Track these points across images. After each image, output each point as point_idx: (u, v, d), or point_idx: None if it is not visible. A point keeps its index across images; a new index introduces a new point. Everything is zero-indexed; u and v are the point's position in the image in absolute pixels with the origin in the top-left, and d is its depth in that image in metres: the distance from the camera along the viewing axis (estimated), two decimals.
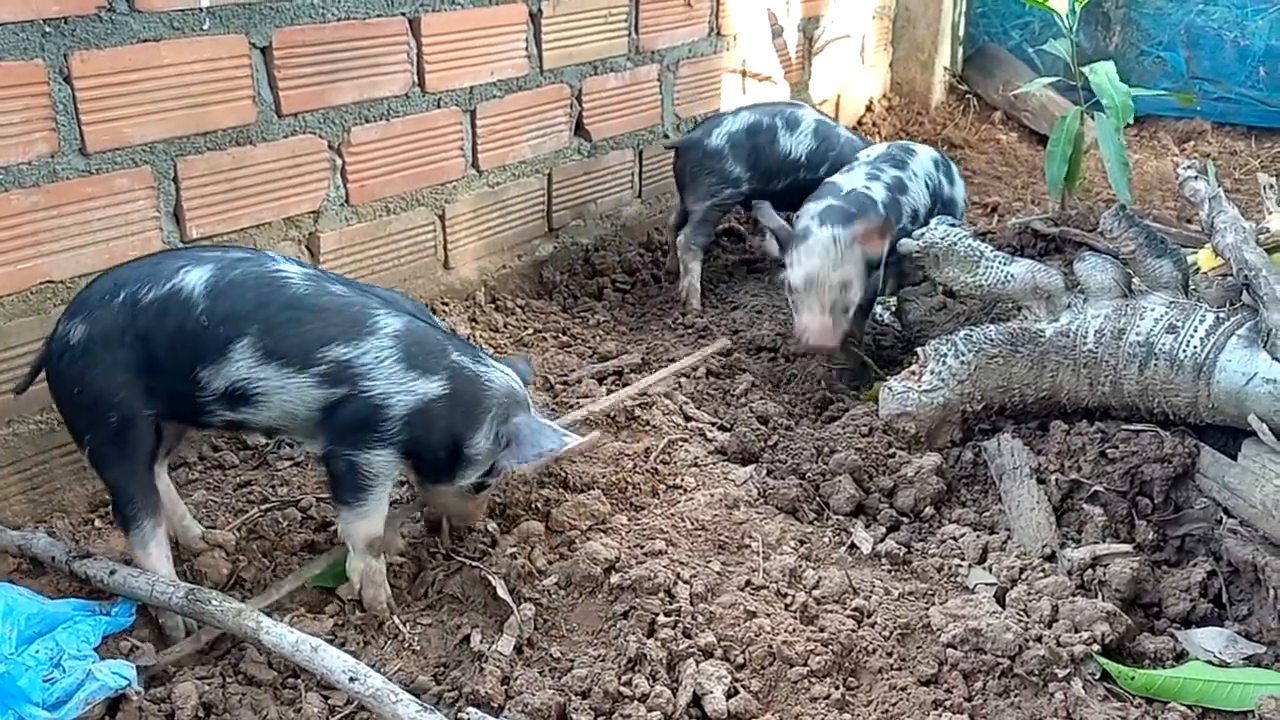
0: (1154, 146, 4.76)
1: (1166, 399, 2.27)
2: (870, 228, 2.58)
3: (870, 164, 2.89)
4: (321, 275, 1.85)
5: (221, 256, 1.80)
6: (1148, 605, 2.00)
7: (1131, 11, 4.93)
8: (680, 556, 2.00)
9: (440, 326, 1.95)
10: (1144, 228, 2.43)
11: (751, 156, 3.21)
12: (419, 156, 2.80)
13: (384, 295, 1.88)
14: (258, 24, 2.36)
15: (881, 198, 2.77)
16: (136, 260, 1.89)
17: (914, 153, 2.99)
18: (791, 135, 3.27)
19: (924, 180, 2.92)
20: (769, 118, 3.29)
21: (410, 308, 1.90)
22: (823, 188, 2.82)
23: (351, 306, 1.80)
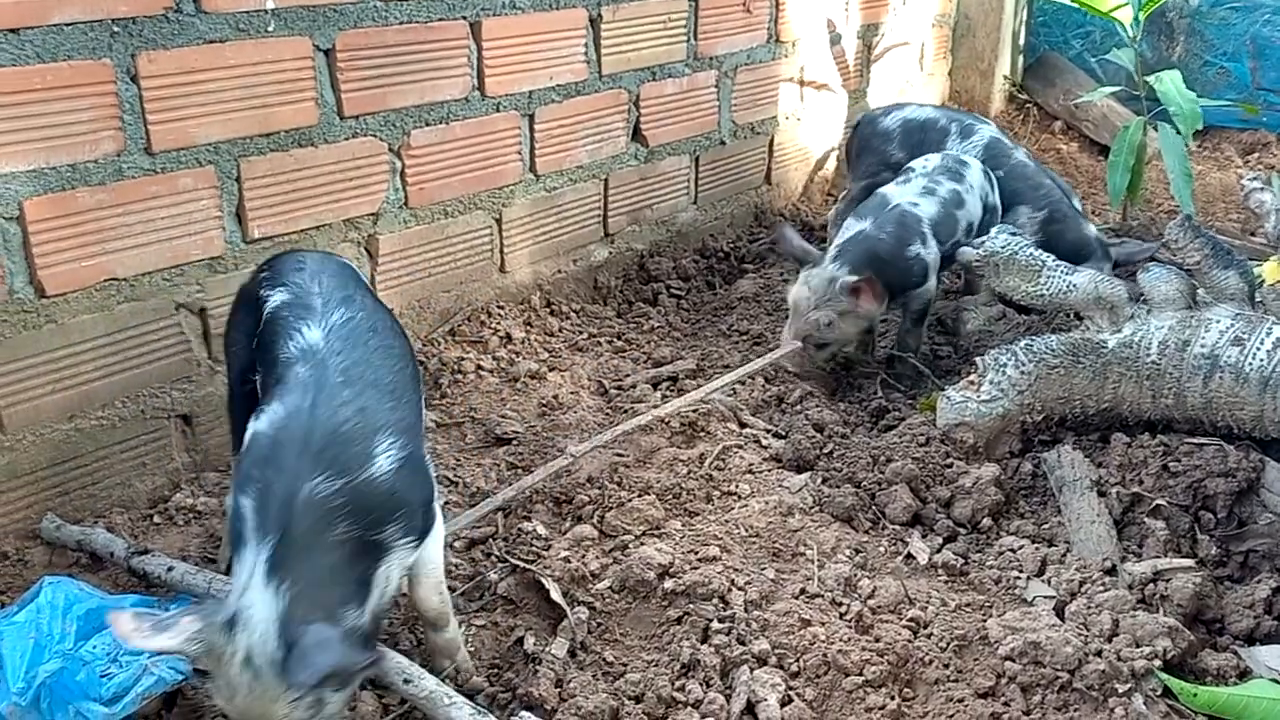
0: (1217, 158, 4.67)
1: (1231, 412, 2.22)
2: (864, 285, 2.60)
3: (928, 176, 2.87)
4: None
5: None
6: (1210, 621, 1.96)
7: (1196, 22, 4.85)
8: (734, 563, 1.98)
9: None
10: (1210, 238, 2.39)
11: (917, 149, 3.26)
12: (477, 160, 2.82)
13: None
14: (321, 26, 2.39)
15: (931, 214, 2.75)
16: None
17: (967, 165, 2.96)
18: (961, 143, 3.31)
19: (979, 193, 2.90)
20: (947, 120, 3.39)
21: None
22: (872, 198, 2.83)
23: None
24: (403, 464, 1.53)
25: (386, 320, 1.80)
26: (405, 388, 1.68)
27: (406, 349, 1.79)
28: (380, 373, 1.64)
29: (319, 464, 1.44)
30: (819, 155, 4.10)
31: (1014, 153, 3.32)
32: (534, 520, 2.15)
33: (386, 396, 1.60)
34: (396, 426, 1.56)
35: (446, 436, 2.49)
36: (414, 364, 1.81)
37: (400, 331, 1.83)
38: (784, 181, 3.94)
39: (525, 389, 2.67)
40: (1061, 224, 3.15)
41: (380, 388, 1.61)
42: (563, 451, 2.30)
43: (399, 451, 1.53)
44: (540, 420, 2.53)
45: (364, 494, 1.47)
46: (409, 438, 1.58)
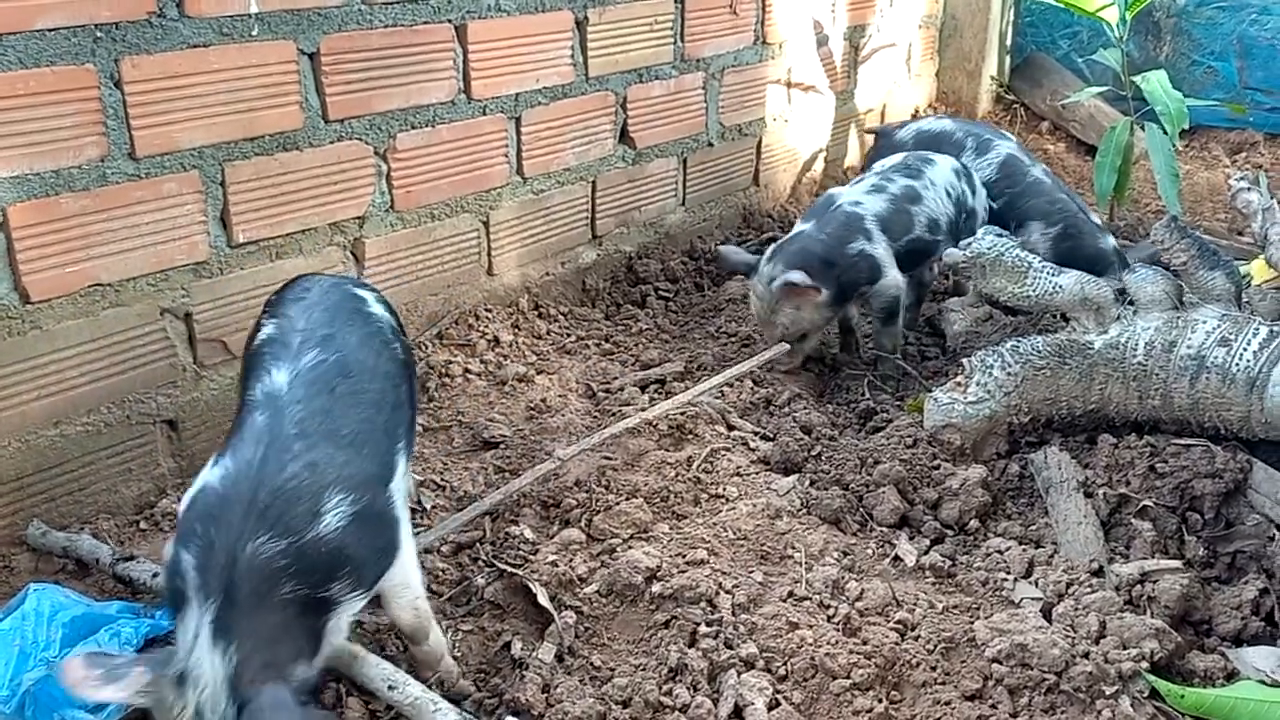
0: (1205, 158, 4.69)
1: (1218, 413, 2.23)
2: (797, 287, 2.60)
3: (880, 174, 2.87)
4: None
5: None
6: (1198, 623, 1.96)
7: (1183, 21, 4.86)
8: (722, 566, 1.98)
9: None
10: (1196, 239, 2.40)
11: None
12: (464, 163, 2.82)
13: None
14: (306, 30, 2.39)
15: (877, 210, 2.76)
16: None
17: (932, 162, 2.95)
18: (976, 158, 3.33)
19: (944, 189, 2.88)
20: (963, 133, 3.41)
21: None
22: (819, 199, 2.87)
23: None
24: (352, 520, 1.49)
25: (370, 360, 1.74)
26: (370, 436, 1.63)
27: (386, 390, 1.74)
28: (340, 422, 1.60)
29: (263, 523, 1.42)
30: (807, 156, 4.11)
31: (1031, 170, 3.32)
32: (521, 524, 2.14)
33: (343, 449, 1.56)
34: (349, 481, 1.52)
35: (434, 440, 2.48)
36: (398, 405, 1.76)
37: (388, 370, 1.77)
38: (772, 183, 3.95)
39: (513, 392, 2.67)
40: (1076, 239, 3.15)
41: (337, 439, 1.57)
42: (550, 455, 2.30)
43: (349, 508, 1.49)
44: (528, 423, 2.53)
45: (309, 554, 1.44)
46: (363, 491, 1.54)
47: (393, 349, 1.83)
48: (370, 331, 1.81)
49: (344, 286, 1.89)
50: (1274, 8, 4.67)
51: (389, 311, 1.94)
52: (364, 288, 1.95)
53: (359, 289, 1.92)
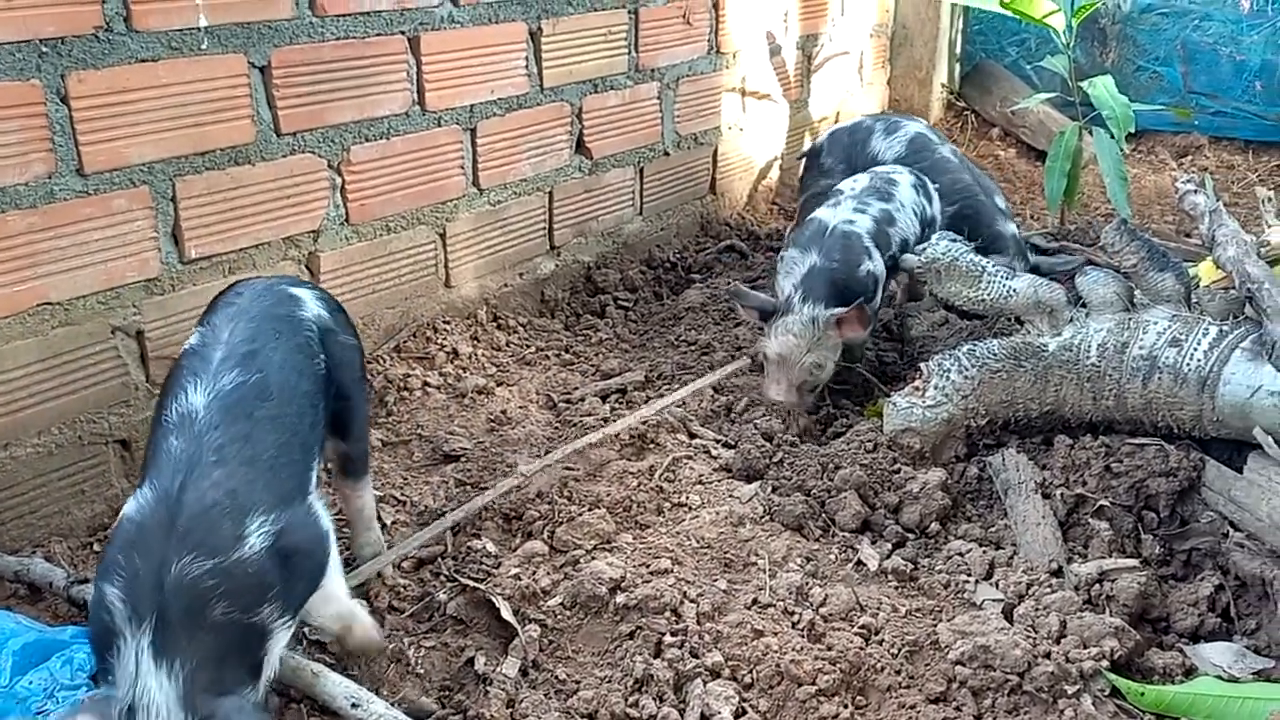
0: (1151, 161, 4.77)
1: (1171, 412, 2.26)
2: (852, 315, 2.55)
3: (857, 197, 2.85)
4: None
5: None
6: (1156, 620, 1.99)
7: (1128, 28, 4.95)
8: (686, 575, 1.98)
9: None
10: (1146, 241, 2.43)
11: (846, 152, 3.38)
12: (419, 175, 2.80)
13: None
14: (256, 43, 2.36)
15: (869, 228, 2.74)
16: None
17: (896, 182, 2.95)
18: (885, 139, 3.39)
19: (911, 208, 2.90)
20: (872, 120, 3.52)
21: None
22: (808, 225, 2.79)
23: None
24: (276, 540, 1.48)
25: (292, 380, 1.69)
26: (289, 458, 1.61)
27: (305, 410, 1.70)
28: (260, 448, 1.57)
29: (186, 545, 1.40)
30: (762, 164, 4.13)
31: (939, 149, 3.38)
32: (483, 538, 2.13)
33: (262, 473, 1.55)
34: (270, 504, 1.51)
35: (393, 455, 2.46)
36: (315, 423, 1.73)
37: (309, 390, 1.73)
38: (729, 191, 3.96)
39: (473, 404, 2.65)
40: (973, 219, 3.19)
41: (256, 464, 1.54)
42: (513, 469, 2.29)
43: (272, 528, 1.48)
44: (489, 436, 2.51)
45: (236, 575, 1.42)
46: (285, 511, 1.53)
47: (316, 363, 1.78)
48: (297, 344, 1.75)
49: (279, 289, 1.84)
50: (1215, 14, 4.78)
51: (329, 309, 1.88)
52: (303, 286, 1.90)
53: (296, 289, 1.86)
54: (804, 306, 2.58)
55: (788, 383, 2.59)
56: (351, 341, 1.92)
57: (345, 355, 1.87)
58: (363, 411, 1.98)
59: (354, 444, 1.96)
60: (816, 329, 2.56)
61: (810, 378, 2.60)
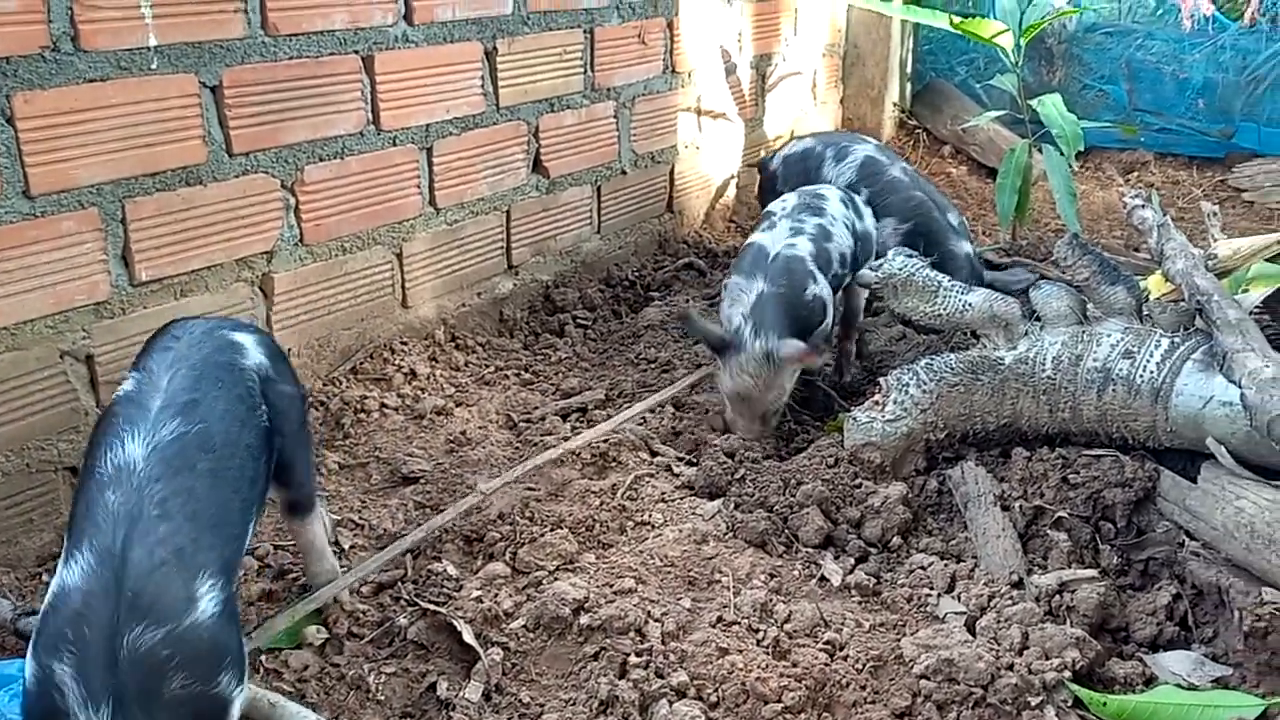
0: (1099, 177, 4.86)
1: (1125, 424, 2.29)
2: (807, 351, 2.52)
3: (790, 216, 2.82)
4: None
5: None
6: (1115, 630, 2.01)
7: (1074, 47, 5.05)
8: (650, 594, 1.97)
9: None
10: (1097, 255, 2.47)
11: (799, 179, 3.36)
12: (375, 195, 2.78)
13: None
14: (207, 63, 2.33)
15: (810, 250, 2.70)
16: None
17: (825, 197, 2.93)
18: (836, 165, 3.41)
19: (843, 222, 2.89)
20: (823, 146, 3.52)
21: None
22: (748, 252, 2.74)
23: None
24: (224, 605, 1.42)
25: (234, 432, 1.62)
26: (229, 517, 1.55)
27: (247, 465, 1.63)
28: (203, 504, 1.49)
29: (135, 613, 1.31)
30: (719, 183, 4.15)
31: (889, 169, 3.39)
32: (444, 560, 2.10)
33: (208, 531, 1.47)
34: (216, 565, 1.44)
35: (350, 478, 2.43)
36: (255, 479, 1.67)
37: (250, 443, 1.66)
38: (686, 209, 3.97)
39: (432, 426, 2.63)
40: (927, 237, 3.21)
41: (200, 521, 1.46)
42: (473, 489, 2.27)
43: (220, 593, 1.42)
44: (448, 457, 2.49)
45: (191, 642, 1.35)
46: (227, 577, 1.47)
47: (258, 414, 1.71)
48: (238, 394, 1.68)
49: (219, 334, 1.75)
50: (1158, 33, 4.89)
51: (271, 355, 1.80)
52: (244, 330, 1.80)
53: (237, 334, 1.77)
54: (756, 341, 2.52)
55: (749, 415, 2.57)
56: (292, 390, 1.83)
57: (286, 405, 1.79)
58: (305, 459, 1.89)
59: (297, 490, 1.89)
60: (771, 365, 2.52)
61: (771, 407, 2.58)
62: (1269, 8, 4.64)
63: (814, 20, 4.60)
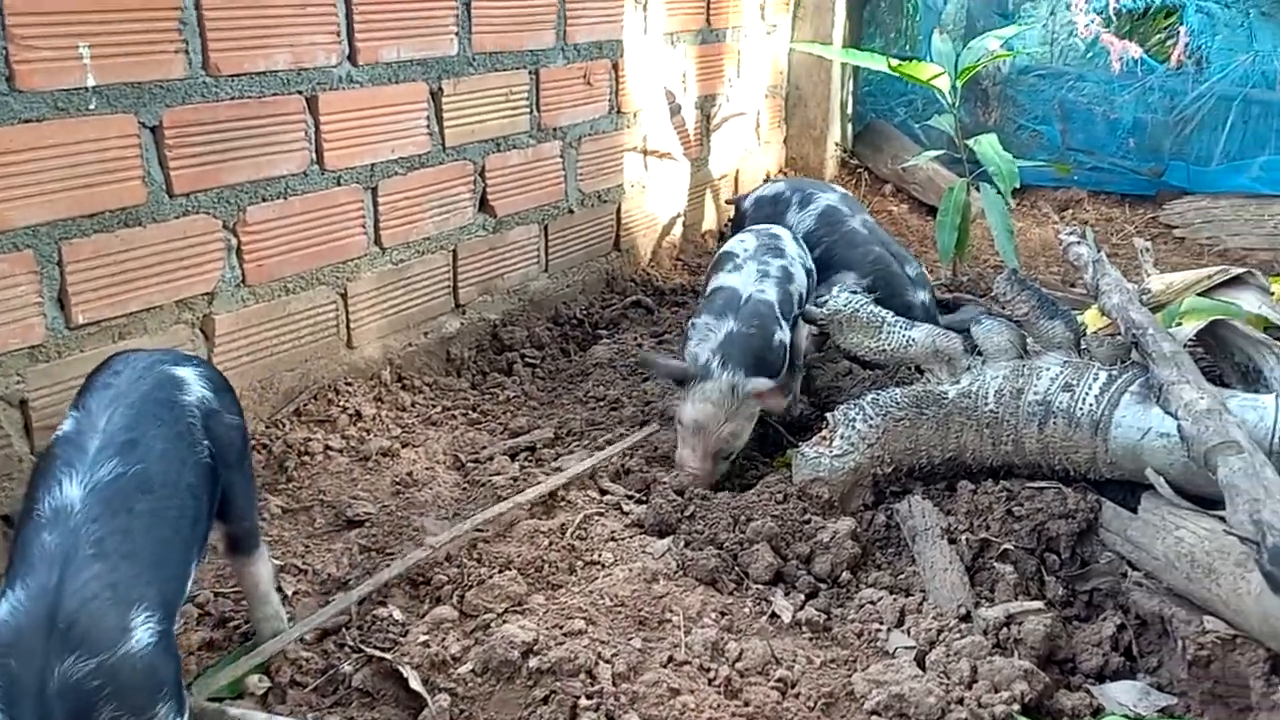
0: (1035, 215, 4.97)
1: (1067, 456, 2.33)
2: (773, 389, 2.54)
3: (755, 258, 2.86)
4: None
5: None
6: (1062, 661, 2.02)
7: (1008, 89, 5.18)
8: (600, 635, 1.95)
9: None
10: (1035, 290, 2.52)
11: (767, 222, 3.38)
12: (319, 235, 2.75)
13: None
14: (147, 103, 2.31)
15: (777, 298, 2.74)
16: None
17: (780, 237, 2.98)
18: (799, 211, 3.47)
19: (800, 263, 2.93)
20: (791, 191, 3.59)
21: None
22: (721, 293, 2.77)
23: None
24: (161, 637, 1.41)
25: (174, 472, 1.61)
26: (169, 557, 1.53)
27: (188, 505, 1.62)
28: (140, 544, 1.48)
29: (67, 644, 1.31)
30: (666, 221, 4.18)
31: (849, 220, 3.43)
32: (389, 605, 2.07)
33: (146, 569, 1.46)
34: (153, 601, 1.43)
35: (294, 522, 2.38)
36: (198, 519, 1.65)
37: (191, 483, 1.64)
38: (633, 248, 3.99)
39: (377, 467, 2.59)
40: (884, 289, 3.25)
41: (138, 560, 1.46)
42: (420, 532, 2.24)
43: (156, 626, 1.40)
44: (394, 499, 2.46)
45: (124, 673, 1.34)
46: (165, 613, 1.45)
47: (200, 451, 1.69)
48: (178, 432, 1.66)
49: (158, 369, 1.72)
50: (1089, 75, 5.03)
51: (213, 388, 1.78)
52: (185, 364, 1.78)
53: (179, 368, 1.75)
54: (724, 373, 2.55)
55: (703, 450, 2.55)
56: (236, 421, 1.81)
57: (229, 436, 1.77)
58: (247, 492, 1.87)
59: (238, 524, 1.86)
60: (735, 398, 2.53)
61: (725, 446, 2.57)
62: (1194, 50, 4.80)
63: (757, 62, 4.68)
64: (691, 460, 2.56)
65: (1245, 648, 1.84)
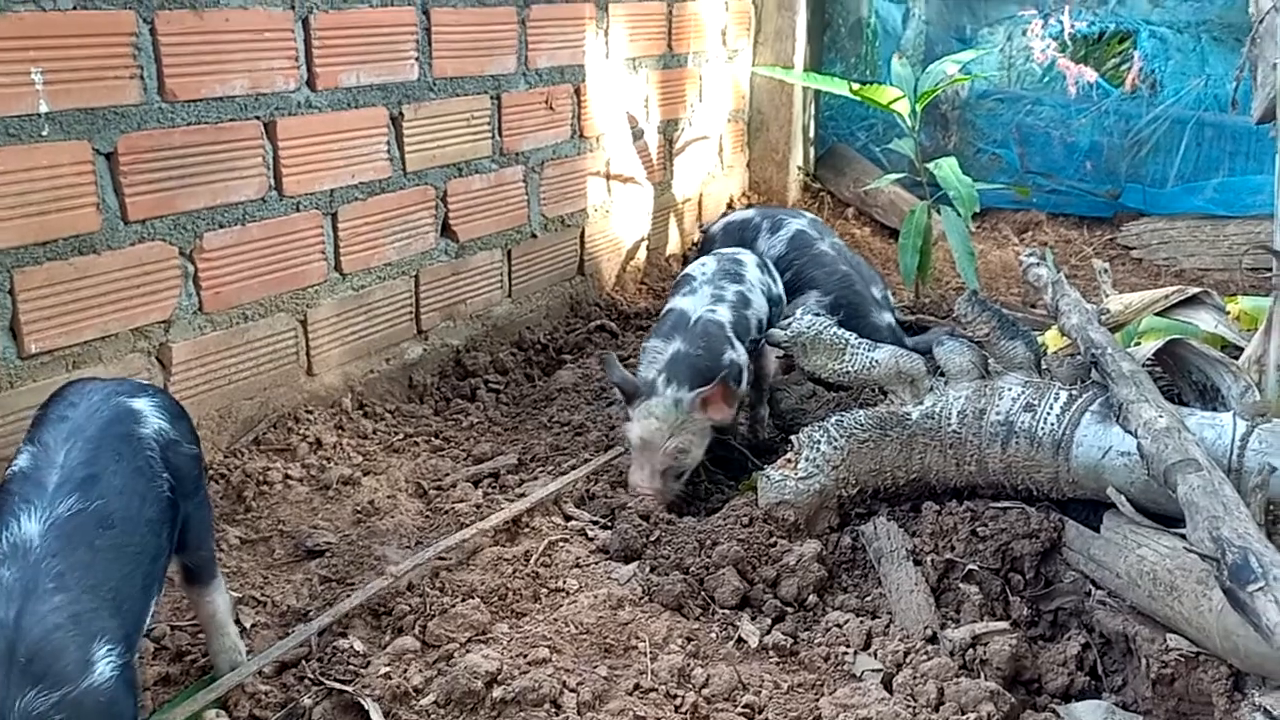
0: (996, 237, 5.02)
1: (1029, 475, 2.33)
2: (716, 394, 2.53)
3: (711, 282, 2.85)
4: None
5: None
6: (1028, 682, 2.02)
7: (967, 113, 5.24)
8: (565, 663, 1.92)
9: None
10: (996, 311, 2.53)
11: (735, 246, 3.41)
12: (278, 261, 2.72)
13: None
14: (101, 130, 2.28)
15: (730, 319, 2.74)
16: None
17: (742, 263, 2.99)
18: (770, 236, 3.51)
19: (760, 289, 2.94)
20: (760, 217, 3.63)
21: None
22: (670, 315, 2.78)
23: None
24: (123, 670, 1.39)
25: (134, 507, 1.59)
26: (130, 593, 1.51)
27: (148, 540, 1.60)
28: (101, 578, 1.47)
29: (28, 679, 1.29)
30: (630, 245, 4.18)
31: (818, 243, 3.49)
32: (350, 636, 2.03)
33: (107, 603, 1.44)
34: (115, 634, 1.41)
35: (252, 553, 2.34)
36: (158, 554, 1.63)
37: (151, 517, 1.62)
38: (597, 272, 3.99)
39: (338, 496, 2.56)
40: (849, 309, 3.28)
41: (99, 593, 1.44)
42: (381, 561, 2.20)
43: (118, 659, 1.38)
44: (355, 528, 2.42)
45: (88, 706, 1.31)
46: (126, 646, 1.43)
47: (158, 484, 1.66)
48: (137, 467, 1.64)
49: (115, 401, 1.69)
50: (1046, 100, 5.10)
51: (171, 418, 1.75)
52: (141, 395, 1.75)
53: (135, 399, 1.72)
54: (667, 389, 2.56)
55: (651, 469, 2.54)
56: (193, 450, 1.79)
57: (186, 466, 1.75)
58: (203, 521, 1.84)
59: (194, 554, 1.84)
60: (680, 411, 2.53)
61: (675, 463, 2.55)
62: (1148, 74, 4.88)
63: (718, 87, 4.71)
64: (643, 481, 2.55)
65: (1208, 665, 1.85)
